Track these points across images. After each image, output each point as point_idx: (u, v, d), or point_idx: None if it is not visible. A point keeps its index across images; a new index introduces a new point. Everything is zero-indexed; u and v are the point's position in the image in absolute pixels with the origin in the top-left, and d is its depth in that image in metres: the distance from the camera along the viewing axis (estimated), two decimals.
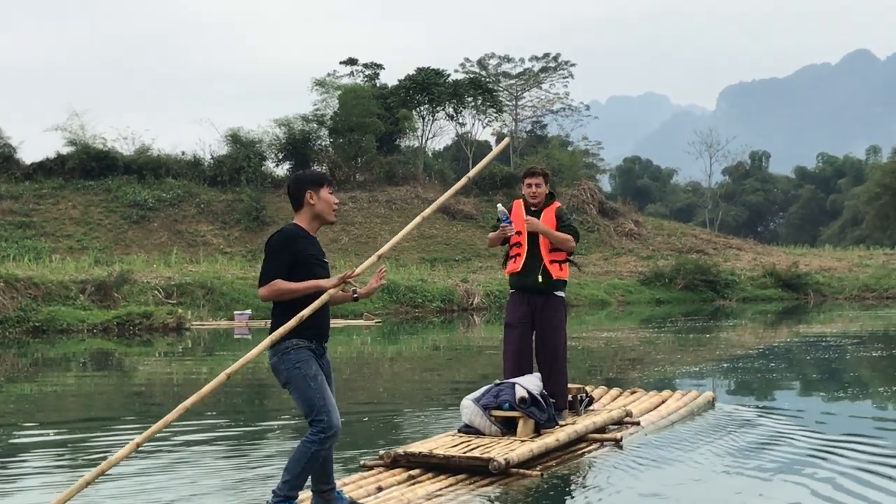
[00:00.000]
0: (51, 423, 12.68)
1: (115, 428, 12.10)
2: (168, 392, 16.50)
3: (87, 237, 48.44)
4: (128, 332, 27.81)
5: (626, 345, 23.40)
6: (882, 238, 77.12)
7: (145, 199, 52.26)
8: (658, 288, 46.30)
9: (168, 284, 34.06)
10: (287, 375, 6.48)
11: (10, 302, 27.99)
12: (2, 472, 9.31)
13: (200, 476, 8.90)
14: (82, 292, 30.64)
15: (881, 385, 15.44)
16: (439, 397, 13.97)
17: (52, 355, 21.95)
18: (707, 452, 9.33)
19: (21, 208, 50.50)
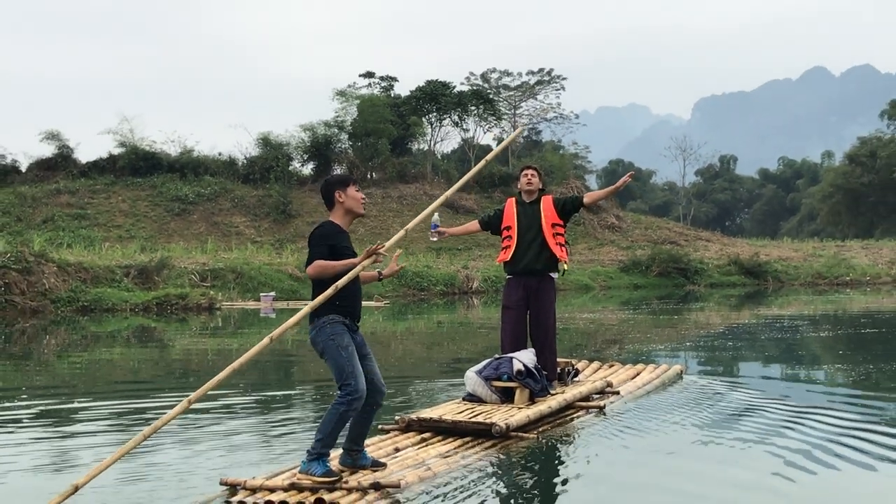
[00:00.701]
0: (103, 388, 12.78)
1: (159, 393, 12.21)
2: (203, 362, 16.56)
3: (135, 227, 48.51)
4: (166, 311, 27.84)
5: (606, 324, 23.45)
6: (834, 232, 77.18)
7: (186, 194, 52.35)
8: (635, 274, 46.39)
9: (203, 269, 34.11)
10: (323, 346, 6.58)
11: (62, 284, 28.01)
12: (64, 430, 9.38)
13: (237, 436, 8.97)
14: (126, 276, 30.68)
15: (833, 361, 15.48)
16: (445, 369, 14.01)
17: (98, 331, 21.95)
18: (680, 419, 9.39)
19: (77, 202, 50.61)
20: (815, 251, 57.73)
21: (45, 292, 27.29)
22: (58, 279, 28.10)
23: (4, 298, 26.25)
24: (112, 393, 12.41)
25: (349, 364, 6.55)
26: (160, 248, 39.04)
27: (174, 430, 9.00)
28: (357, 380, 6.54)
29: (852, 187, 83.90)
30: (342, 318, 6.66)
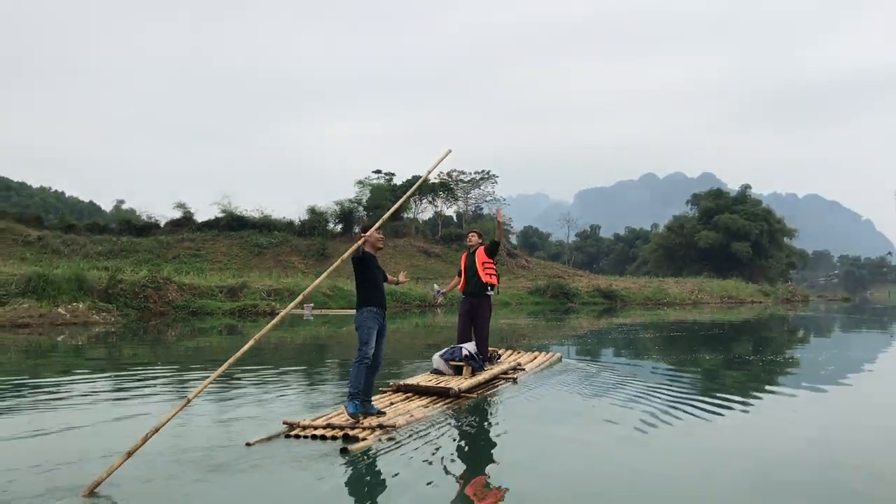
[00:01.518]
0: (209, 361, 12.64)
1: (244, 363, 12.05)
2: (267, 344, 16.30)
3: (230, 263, 48.04)
4: (244, 315, 27.68)
5: (518, 327, 23.47)
6: (658, 272, 77.54)
7: (262, 242, 51.86)
8: (537, 296, 46.30)
9: (269, 289, 33.91)
10: (358, 322, 6.81)
11: (179, 297, 27.97)
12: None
13: (290, 393, 8.93)
14: (220, 292, 30.55)
15: (662, 353, 15.44)
16: (419, 354, 13.98)
17: (202, 326, 21.86)
18: (563, 385, 9.54)
19: (194, 246, 50.12)
20: (646, 283, 57.97)
21: (168, 302, 27.32)
22: (176, 294, 28.07)
23: (143, 305, 26.29)
24: (211, 364, 12.33)
25: (367, 336, 6.75)
26: (243, 276, 38.86)
27: (251, 388, 9.05)
28: (368, 347, 6.74)
29: (669, 246, 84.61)
30: (375, 309, 6.87)
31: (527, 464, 5.58)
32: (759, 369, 11.80)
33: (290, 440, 6.08)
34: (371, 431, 6.24)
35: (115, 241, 49.41)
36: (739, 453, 5.92)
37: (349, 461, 5.48)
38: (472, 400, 8.10)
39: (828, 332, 24.46)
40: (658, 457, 5.85)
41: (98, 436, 6.36)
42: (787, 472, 5.34)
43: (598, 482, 5.12)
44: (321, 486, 4.89)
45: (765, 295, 61.06)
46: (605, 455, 5.87)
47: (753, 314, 35.90)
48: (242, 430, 6.48)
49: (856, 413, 8.00)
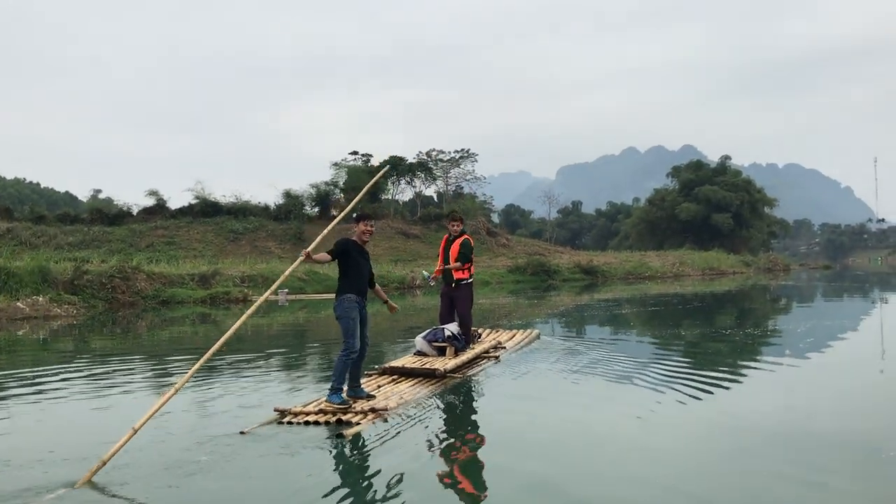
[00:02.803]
0: (183, 350, 12.57)
1: (225, 353, 11.91)
2: (246, 332, 16.27)
3: (205, 250, 47.88)
4: (216, 302, 27.60)
5: (498, 305, 23.68)
6: (640, 246, 78.03)
7: (237, 228, 51.75)
8: (517, 274, 46.45)
9: (243, 275, 33.86)
10: (338, 313, 6.79)
11: (149, 286, 27.66)
12: (160, 383, 9.43)
13: (280, 380, 9.07)
14: (192, 280, 30.46)
15: (643, 327, 15.79)
16: (402, 335, 14.09)
17: (173, 315, 21.78)
18: (541, 361, 9.86)
19: (168, 234, 49.85)
20: (627, 258, 58.36)
21: (137, 292, 27.07)
22: (146, 283, 27.80)
23: (111, 296, 26.06)
24: (188, 353, 12.34)
25: (351, 328, 6.71)
26: (217, 263, 38.80)
27: (234, 377, 9.14)
28: (353, 340, 6.71)
29: (650, 219, 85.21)
30: (354, 297, 6.82)
31: (515, 439, 5.82)
32: (737, 343, 12.11)
33: (282, 426, 6.19)
34: (364, 416, 6.39)
35: (86, 231, 49.00)
36: (717, 424, 6.19)
37: (345, 446, 5.62)
38: (458, 380, 8.31)
39: (809, 300, 24.97)
40: (642, 429, 6.11)
41: (74, 429, 6.50)
42: (765, 441, 5.61)
43: (582, 454, 5.38)
44: (320, 471, 5.05)
45: (746, 265, 61.84)
46: (588, 428, 6.16)
47: (735, 285, 36.45)
48: (233, 418, 6.57)
49: (828, 384, 8.32)
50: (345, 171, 60.86)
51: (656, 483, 4.57)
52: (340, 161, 63.61)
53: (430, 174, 69.28)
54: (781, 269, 63.20)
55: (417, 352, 9.51)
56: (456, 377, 8.39)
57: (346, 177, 59.87)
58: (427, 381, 8.08)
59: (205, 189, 55.21)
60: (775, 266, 64.54)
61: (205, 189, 55.21)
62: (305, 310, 23.17)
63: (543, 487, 4.55)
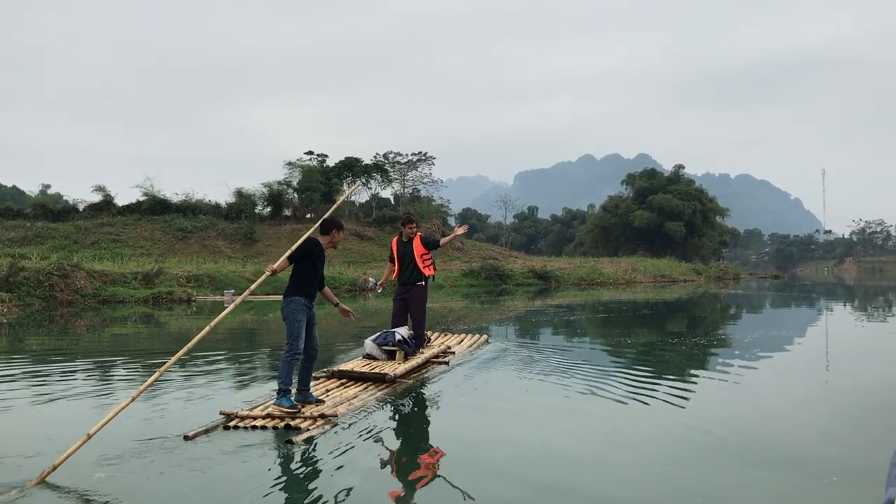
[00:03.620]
0: (125, 352, 12.45)
1: (161, 353, 11.98)
2: (187, 334, 16.25)
3: (152, 248, 47.13)
4: (158, 303, 27.13)
5: (451, 310, 23.73)
6: (595, 253, 79.06)
7: (186, 226, 50.98)
8: (471, 278, 46.77)
9: (189, 275, 33.45)
10: (285, 314, 6.68)
11: (89, 284, 27.18)
12: (101, 386, 9.13)
13: (226, 382, 8.92)
14: (134, 279, 29.98)
15: (598, 333, 15.96)
16: (351, 338, 14.02)
17: (114, 315, 21.33)
18: (489, 366, 9.99)
19: (115, 231, 48.93)
20: (580, 264, 58.96)
21: (77, 290, 26.60)
22: (86, 281, 27.34)
23: (49, 293, 25.56)
24: (131, 354, 12.08)
25: (297, 330, 6.63)
26: (164, 262, 38.27)
27: (180, 379, 8.96)
28: (299, 342, 6.63)
29: (605, 226, 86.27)
30: (305, 300, 6.74)
31: (464, 443, 5.85)
32: (687, 352, 12.31)
33: (228, 431, 6.11)
34: (313, 421, 6.34)
35: (29, 226, 47.83)
36: (675, 434, 6.26)
37: (294, 452, 5.56)
38: (407, 384, 8.32)
39: (758, 309, 25.51)
40: (589, 432, 6.20)
41: (18, 431, 6.33)
42: (719, 451, 5.71)
43: (530, 457, 5.40)
44: (267, 477, 4.98)
45: (697, 273, 62.99)
46: (534, 431, 6.22)
47: (686, 293, 37.08)
48: (177, 422, 6.46)
49: (777, 394, 8.51)
50: (299, 170, 60.42)
51: (619, 499, 4.55)
52: (295, 161, 63.15)
53: (386, 176, 69.19)
54: (731, 278, 64.47)
55: (366, 355, 9.47)
56: (406, 382, 8.39)
57: (300, 176, 59.44)
58: (377, 386, 8.05)
59: (154, 186, 54.41)
60: (726, 275, 65.82)
61: (154, 186, 54.41)
62: (253, 311, 22.91)
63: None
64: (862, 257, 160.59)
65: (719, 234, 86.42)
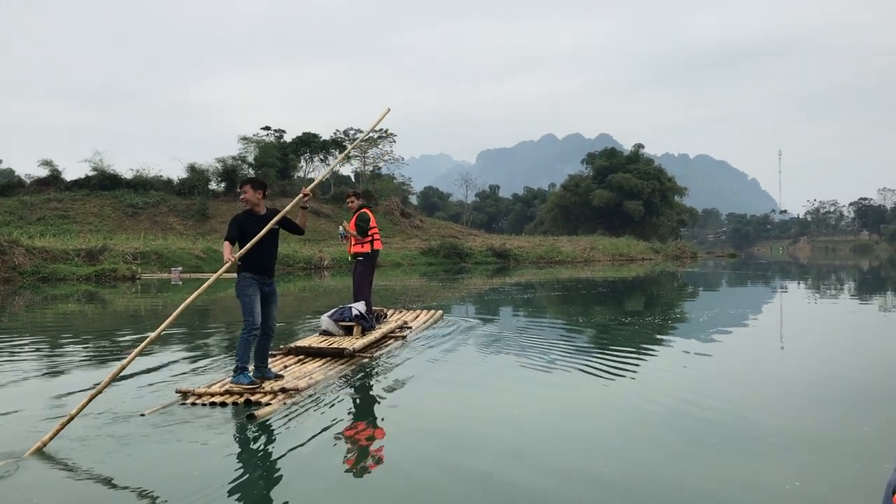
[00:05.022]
0: (71, 332, 12.35)
1: (115, 333, 11.92)
2: (141, 311, 16.18)
3: (102, 224, 46.34)
4: (101, 280, 26.86)
5: (409, 288, 23.82)
6: (555, 231, 79.63)
7: (137, 202, 50.23)
8: (430, 256, 46.89)
9: (135, 252, 33.09)
10: (237, 291, 6.68)
11: (28, 261, 26.97)
12: (49, 366, 9.03)
13: (182, 360, 8.88)
14: (77, 256, 29.58)
15: (550, 307, 16.21)
16: (308, 315, 14.14)
17: (55, 293, 21.00)
18: (444, 340, 10.24)
19: (62, 207, 48.01)
20: (539, 242, 59.39)
21: (14, 267, 26.25)
22: (25, 258, 27.03)
23: None
24: (79, 334, 11.97)
25: (249, 305, 6.61)
26: (112, 239, 37.75)
27: (124, 356, 8.95)
28: (254, 316, 6.61)
29: (565, 205, 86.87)
30: (251, 275, 6.66)
31: (422, 415, 6.00)
32: (642, 329, 12.56)
33: (185, 408, 6.10)
34: (274, 396, 6.37)
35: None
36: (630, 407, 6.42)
37: (255, 426, 5.58)
38: (366, 359, 8.42)
39: (714, 287, 26.04)
40: (545, 402, 6.38)
41: None
42: (670, 426, 5.89)
43: (487, 428, 5.51)
44: (227, 453, 5.00)
45: (655, 252, 63.90)
46: (491, 403, 6.40)
47: (643, 271, 37.65)
48: (132, 399, 6.44)
49: (731, 369, 8.75)
50: (254, 145, 59.82)
51: (582, 471, 4.58)
52: (251, 136, 62.44)
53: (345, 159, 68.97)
54: (689, 257, 65.55)
55: (323, 331, 9.58)
56: (364, 357, 8.48)
57: (256, 152, 58.86)
58: (335, 361, 8.12)
59: (104, 161, 53.42)
60: (683, 253, 66.89)
61: (104, 161, 53.42)
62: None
63: (460, 476, 4.50)
64: (816, 237, 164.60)
65: (677, 214, 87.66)
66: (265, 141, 62.26)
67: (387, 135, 75.95)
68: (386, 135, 75.75)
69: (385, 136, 75.50)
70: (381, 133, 74.66)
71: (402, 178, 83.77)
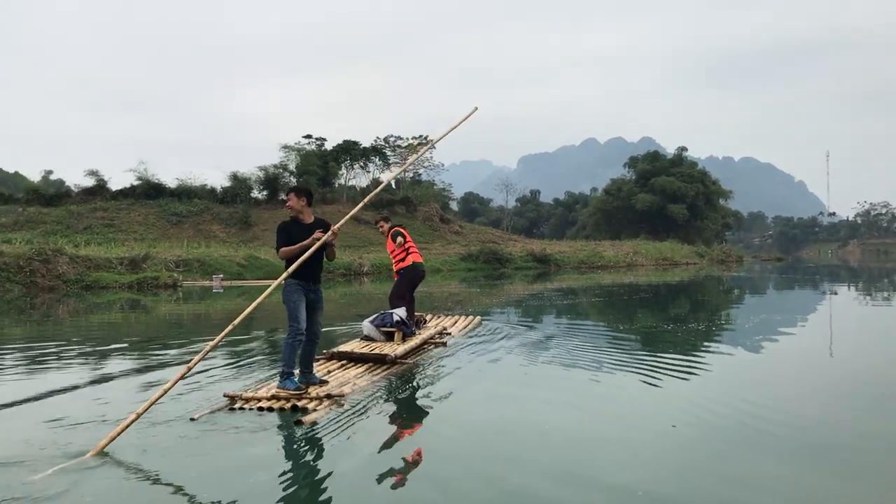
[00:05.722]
0: (116, 339, 12.54)
1: (159, 341, 12.06)
2: (184, 318, 16.44)
3: (146, 233, 47.31)
4: (143, 288, 27.25)
5: (449, 294, 23.76)
6: (597, 236, 79.20)
7: (181, 210, 51.24)
8: (469, 262, 46.96)
9: (177, 260, 33.63)
10: (283, 297, 6.79)
11: (72, 269, 27.47)
12: (98, 371, 9.12)
13: (229, 365, 8.95)
14: (120, 264, 30.16)
15: (592, 312, 15.98)
16: (349, 320, 14.20)
17: (98, 301, 21.27)
18: (484, 344, 10.27)
19: (108, 216, 49.14)
20: (581, 247, 59.08)
21: (58, 276, 26.77)
22: (69, 267, 27.58)
23: (30, 280, 25.75)
24: (125, 341, 12.18)
25: (294, 310, 6.72)
26: (155, 247, 38.50)
27: (178, 363, 8.97)
28: (299, 322, 6.71)
29: (607, 209, 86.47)
30: (297, 281, 6.78)
31: (472, 426, 5.93)
32: (690, 335, 12.39)
33: (234, 413, 6.20)
34: (319, 402, 6.44)
35: (21, 211, 47.99)
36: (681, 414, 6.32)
37: (301, 432, 5.62)
38: (407, 365, 8.49)
39: (761, 291, 25.64)
40: (593, 414, 6.28)
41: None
42: (726, 435, 5.82)
43: (537, 440, 5.45)
44: (276, 458, 5.07)
45: (700, 256, 63.17)
46: (540, 413, 6.30)
47: (688, 276, 37.24)
48: (180, 405, 6.53)
49: (781, 376, 8.63)
50: (295, 154, 60.60)
51: (637, 490, 4.43)
52: (293, 144, 63.27)
53: (385, 160, 69.40)
54: (734, 261, 64.68)
55: (364, 336, 9.67)
56: (406, 363, 8.55)
57: (298, 160, 59.63)
58: (377, 367, 8.21)
59: (148, 170, 54.61)
60: (728, 257, 66.03)
61: (148, 170, 54.61)
62: (244, 296, 22.98)
63: (506, 492, 4.40)
64: (866, 240, 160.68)
65: (722, 217, 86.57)
66: (306, 149, 63.08)
67: (427, 141, 76.20)
68: (426, 141, 76.03)
69: (425, 142, 75.79)
70: (421, 139, 74.98)
71: (441, 184, 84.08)
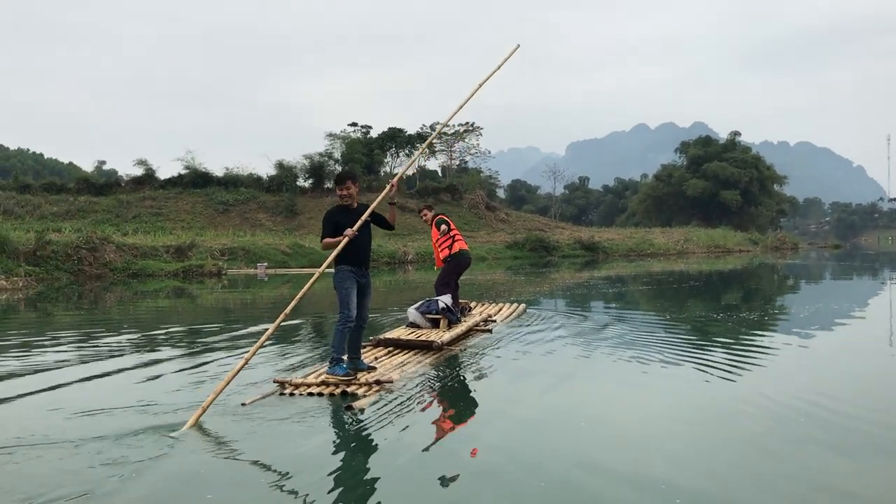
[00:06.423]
0: (166, 325, 12.70)
1: (207, 327, 12.13)
2: (232, 305, 16.71)
3: (194, 221, 48.24)
4: (189, 276, 27.72)
5: (491, 280, 23.80)
6: (647, 223, 78.44)
7: (227, 199, 52.13)
8: (515, 250, 46.89)
9: (223, 248, 34.19)
10: (335, 284, 6.89)
11: (119, 257, 28.16)
12: (151, 358, 9.25)
13: (278, 352, 9.06)
14: (166, 252, 30.80)
15: (642, 301, 15.84)
16: (394, 307, 14.32)
17: (144, 289, 21.69)
18: (528, 331, 10.41)
19: (156, 205, 50.32)
20: (630, 235, 58.60)
21: (105, 263, 27.40)
22: (115, 255, 28.24)
23: (77, 268, 26.34)
24: (174, 327, 12.34)
25: (346, 297, 6.81)
26: (202, 235, 39.22)
27: (226, 349, 9.24)
28: (349, 308, 6.79)
29: (658, 195, 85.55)
30: (348, 267, 6.86)
31: (513, 413, 5.88)
32: (743, 324, 12.17)
33: (284, 398, 6.29)
34: (369, 387, 6.52)
35: (72, 201, 49.25)
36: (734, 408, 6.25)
37: (352, 418, 5.68)
38: (454, 351, 8.61)
39: (817, 279, 25.14)
40: (652, 406, 6.17)
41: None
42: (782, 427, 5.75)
43: (589, 432, 5.41)
44: (328, 442, 5.14)
45: (753, 243, 62.12)
46: (578, 402, 6.29)
47: (740, 263, 36.69)
48: (231, 391, 6.53)
49: (839, 368, 8.47)
50: (340, 142, 61.07)
51: (687, 489, 4.22)
52: (339, 132, 63.78)
53: (430, 147, 69.60)
54: (789, 248, 63.49)
55: (410, 323, 9.80)
56: (452, 349, 8.64)
57: (343, 148, 60.09)
58: (424, 354, 8.30)
59: (195, 159, 55.64)
60: (783, 245, 64.85)
61: (195, 159, 55.64)
62: (289, 284, 23.25)
63: (569, 481, 4.31)
64: None
65: (777, 203, 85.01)
66: (351, 137, 63.56)
67: (473, 128, 76.12)
68: (472, 128, 75.95)
69: (472, 129, 75.72)
70: (468, 126, 74.87)
71: (488, 172, 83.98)
